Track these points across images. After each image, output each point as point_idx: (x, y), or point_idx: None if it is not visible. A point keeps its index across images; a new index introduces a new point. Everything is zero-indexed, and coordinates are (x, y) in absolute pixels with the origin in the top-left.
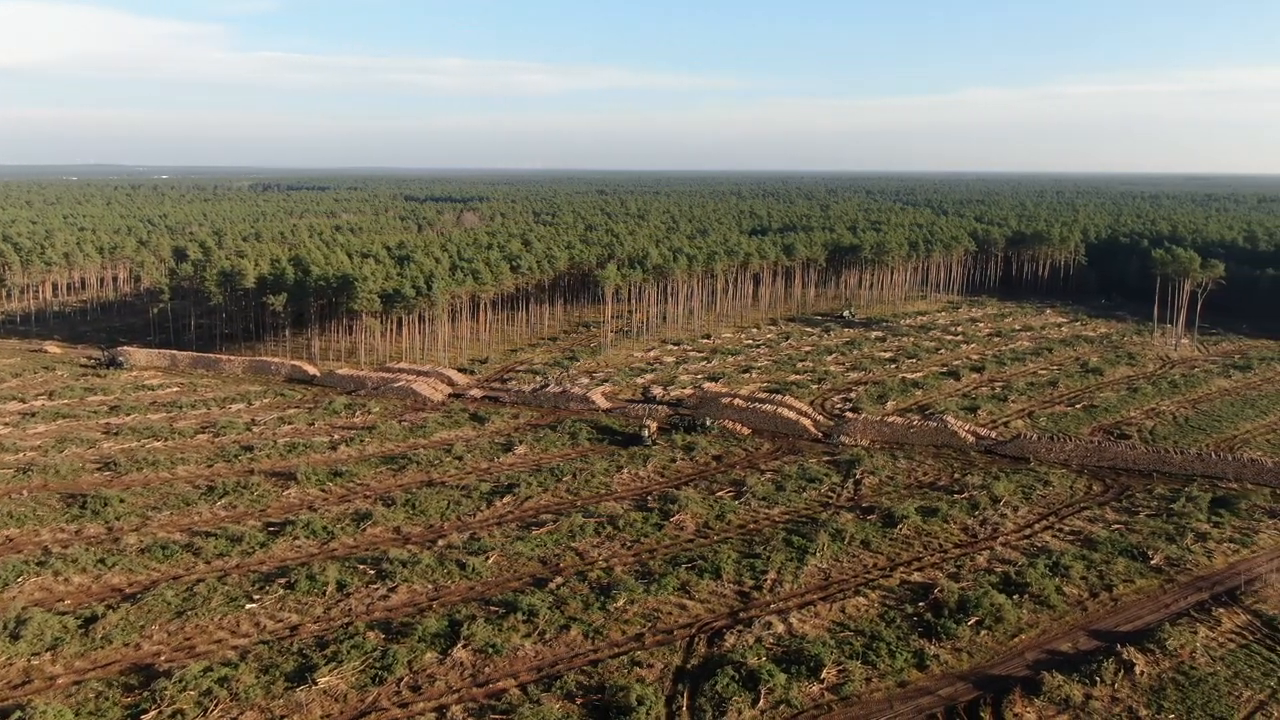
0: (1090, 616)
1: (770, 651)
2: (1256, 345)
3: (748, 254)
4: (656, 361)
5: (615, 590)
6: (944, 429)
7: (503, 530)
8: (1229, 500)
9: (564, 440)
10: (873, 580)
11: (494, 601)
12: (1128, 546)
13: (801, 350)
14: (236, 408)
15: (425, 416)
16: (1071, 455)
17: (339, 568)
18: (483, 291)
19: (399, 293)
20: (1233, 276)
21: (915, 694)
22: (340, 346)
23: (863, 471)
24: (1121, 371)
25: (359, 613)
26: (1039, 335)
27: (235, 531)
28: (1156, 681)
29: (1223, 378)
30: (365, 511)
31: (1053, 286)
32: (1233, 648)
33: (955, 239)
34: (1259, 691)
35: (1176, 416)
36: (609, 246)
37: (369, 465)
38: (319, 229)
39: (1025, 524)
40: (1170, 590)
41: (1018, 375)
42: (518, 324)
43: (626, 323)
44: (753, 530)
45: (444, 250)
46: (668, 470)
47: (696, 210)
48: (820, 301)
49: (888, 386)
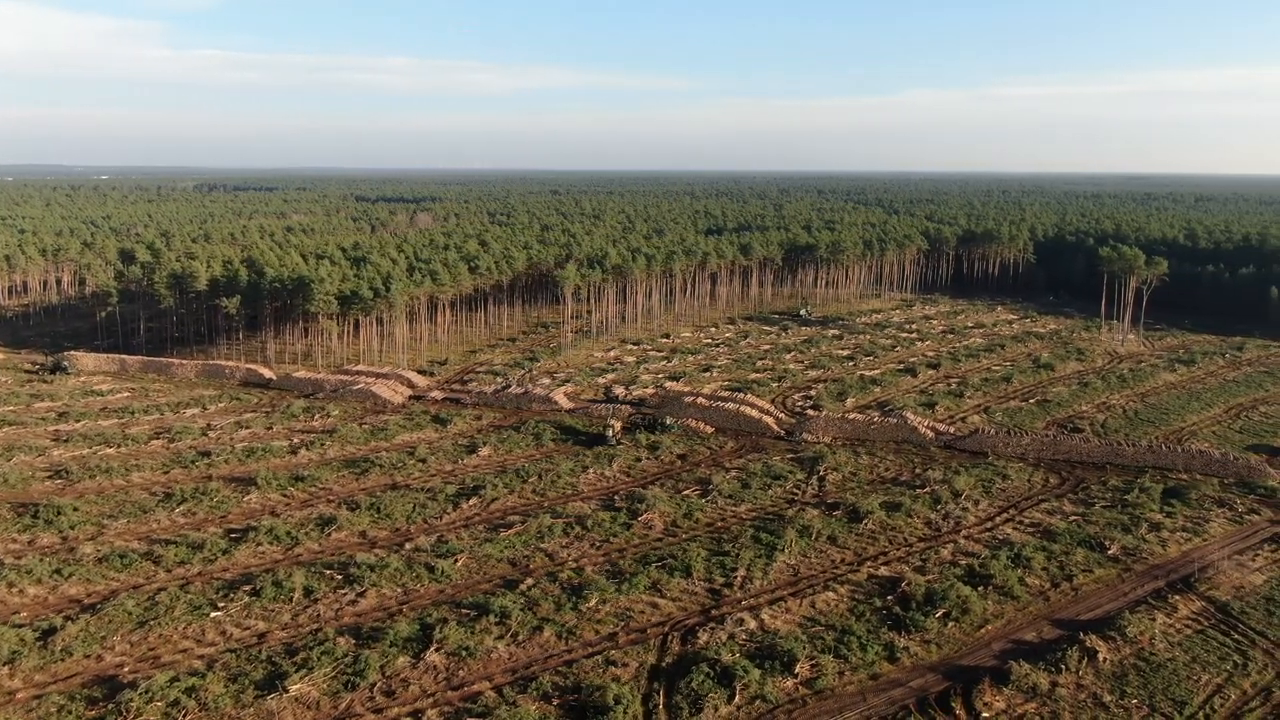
0: (1053, 606)
1: (743, 648)
2: (1199, 340)
3: (705, 253)
4: (617, 361)
5: (587, 590)
6: (904, 425)
7: (470, 532)
8: (1180, 491)
9: (528, 441)
10: (841, 575)
11: (465, 604)
12: (1086, 537)
13: (760, 349)
14: (191, 412)
15: (386, 419)
16: (1028, 449)
17: (305, 573)
18: (441, 292)
19: (356, 294)
20: (1175, 273)
21: (887, 686)
22: (296, 349)
23: (826, 468)
24: (1072, 367)
25: (328, 618)
26: (991, 332)
27: (196, 539)
28: (1119, 668)
29: (1168, 372)
30: (329, 516)
31: (1003, 284)
32: (1189, 633)
33: (908, 238)
34: (1216, 675)
35: (1126, 410)
36: (566, 247)
37: (331, 469)
38: (270, 230)
39: (986, 517)
40: (1128, 579)
41: (973, 371)
42: (476, 325)
43: (586, 323)
44: (721, 528)
45: (400, 251)
46: (633, 470)
47: (651, 210)
48: (777, 300)
49: (847, 384)
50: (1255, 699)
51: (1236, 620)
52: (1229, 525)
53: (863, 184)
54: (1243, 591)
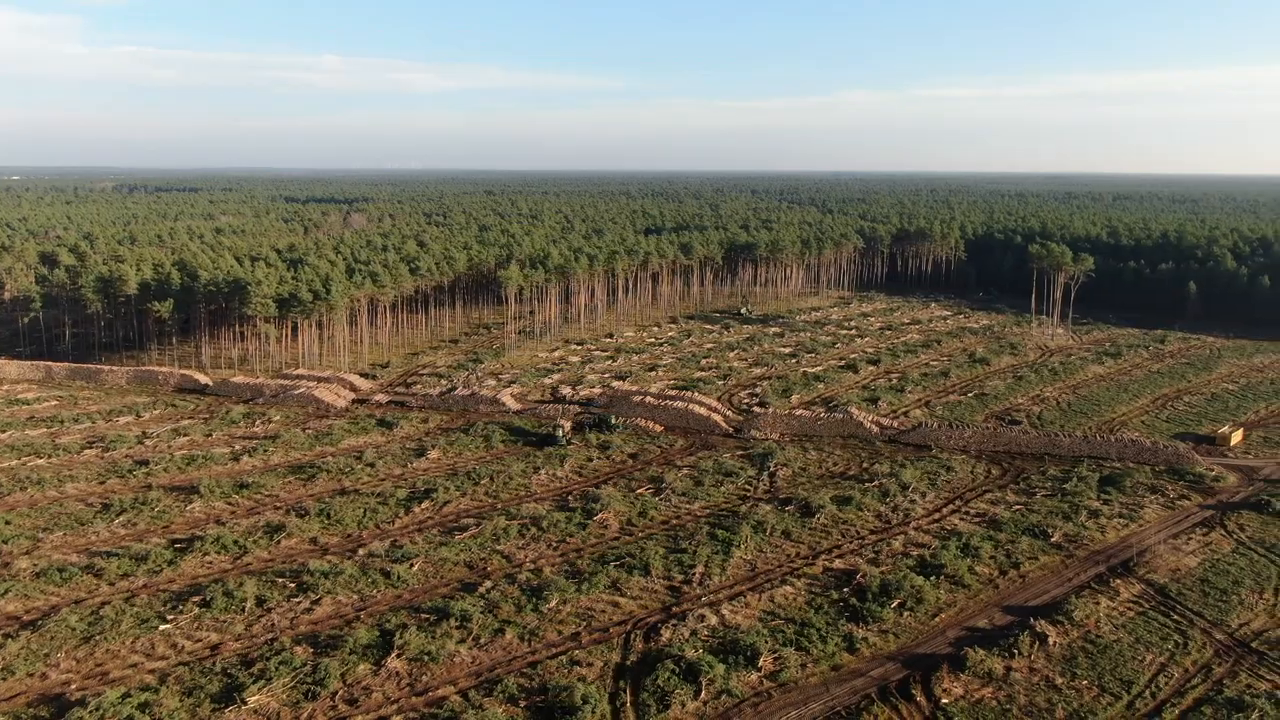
0: (1002, 593)
1: (706, 643)
2: (1124, 334)
3: (647, 253)
4: (562, 361)
5: (546, 591)
6: (849, 420)
7: (425, 536)
8: (1115, 479)
9: (477, 443)
10: (797, 569)
11: (424, 609)
12: (1029, 526)
13: (704, 347)
14: (125, 420)
15: (330, 423)
16: (970, 441)
17: (257, 582)
18: (382, 294)
19: (295, 297)
20: (1099, 269)
21: (849, 676)
22: (232, 354)
23: (777, 464)
24: (1006, 361)
25: (283, 627)
26: (927, 328)
27: (139, 550)
28: (1068, 651)
29: (1097, 364)
30: (278, 523)
31: (935, 281)
32: (1132, 615)
33: (844, 236)
34: (1159, 655)
35: (1059, 402)
36: (506, 247)
37: (276, 475)
38: (199, 232)
39: (934, 508)
40: (1071, 565)
41: (912, 367)
42: (417, 327)
43: (528, 323)
44: (676, 525)
45: (337, 253)
46: (585, 469)
47: (589, 210)
48: (718, 299)
49: (791, 381)
50: (1197, 676)
51: (1175, 602)
52: (1162, 511)
53: (796, 184)
54: (1179, 574)
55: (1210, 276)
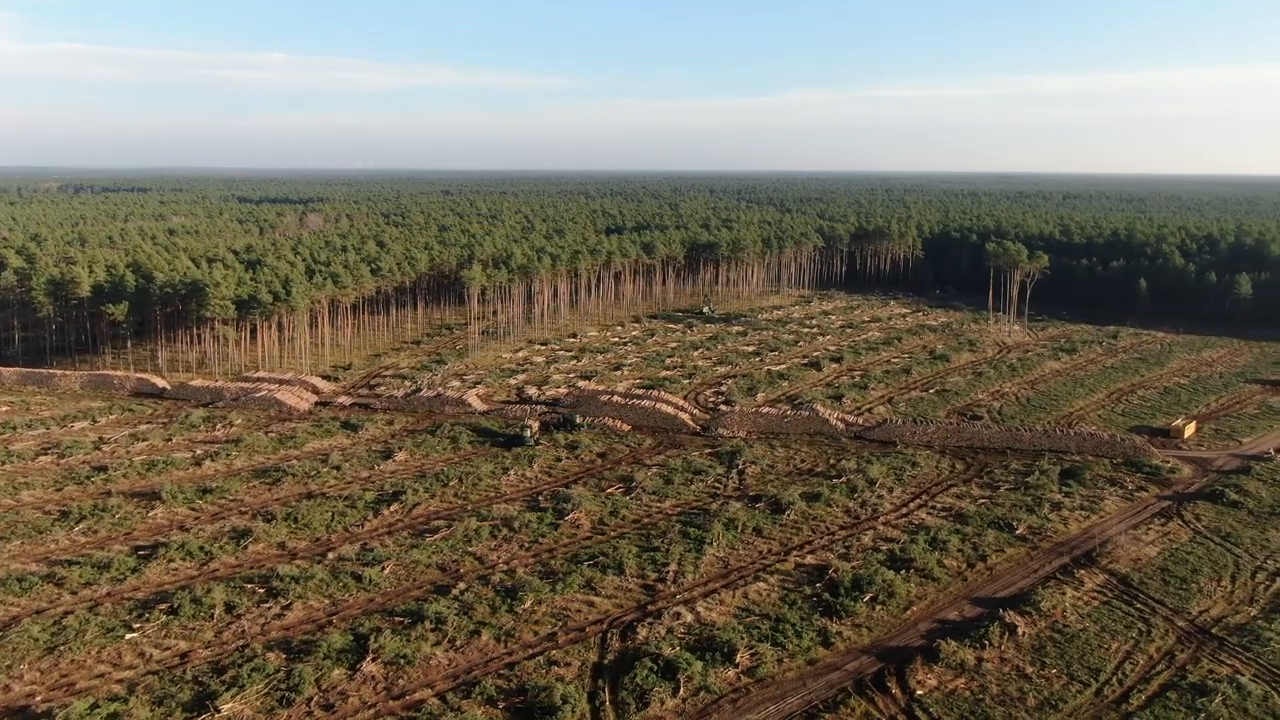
0: (971, 586)
1: (683, 641)
2: (1078, 330)
3: (610, 252)
4: (526, 362)
5: (521, 592)
6: (815, 417)
7: (395, 539)
8: (1075, 471)
9: (445, 444)
10: (770, 565)
11: (398, 612)
12: (994, 519)
13: (668, 346)
14: (80, 426)
15: (294, 426)
16: (934, 437)
17: (225, 588)
18: (342, 295)
19: (255, 298)
20: (1052, 267)
21: (825, 670)
22: (189, 357)
23: (745, 462)
24: (965, 357)
25: (254, 634)
26: (887, 325)
27: (101, 558)
28: (1037, 641)
29: (1053, 360)
30: (244, 528)
31: (894, 279)
32: (1097, 605)
33: (804, 235)
34: (1124, 643)
35: (1019, 397)
36: (468, 247)
37: (240, 480)
38: (151, 233)
39: (901, 503)
40: (1036, 556)
41: (874, 364)
42: (379, 328)
43: (491, 324)
44: (648, 524)
45: (296, 253)
46: (554, 469)
47: (549, 210)
48: (680, 298)
49: (755, 379)
50: (1161, 663)
51: (1137, 591)
52: (1122, 502)
53: (752, 183)
54: (1140, 563)
55: (1159, 273)
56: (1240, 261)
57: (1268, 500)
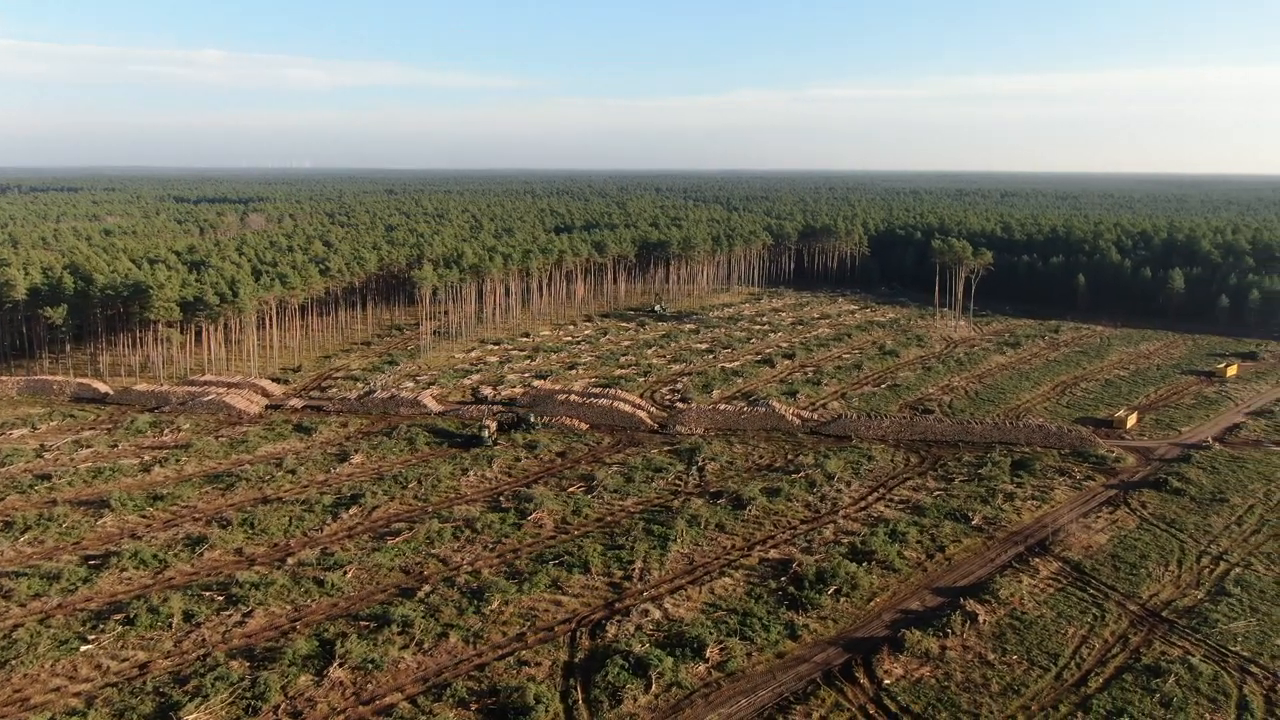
0: (931, 576)
1: (652, 637)
2: (1021, 324)
3: (561, 251)
4: (480, 362)
5: (487, 593)
6: (772, 413)
7: (355, 542)
8: (1025, 463)
9: (401, 446)
10: (734, 561)
11: (363, 616)
12: (950, 510)
13: (622, 345)
14: (19, 433)
15: (245, 430)
16: (888, 431)
17: (182, 597)
18: (291, 296)
19: (201, 300)
20: (995, 263)
21: (794, 663)
22: (132, 361)
23: (704, 458)
24: (914, 352)
25: (215, 642)
26: (837, 322)
27: (49, 569)
28: (997, 628)
29: (999, 354)
30: (198, 535)
31: (841, 276)
32: (1052, 592)
33: (753, 234)
34: (1080, 628)
35: (967, 391)
36: (416, 247)
37: (192, 486)
38: (86, 233)
39: (860, 497)
40: (992, 546)
41: (826, 360)
42: (328, 329)
43: (442, 324)
44: (611, 522)
45: (241, 254)
46: (514, 469)
47: (496, 209)
48: (631, 297)
49: (710, 376)
50: (1116, 646)
51: (1090, 577)
52: (1071, 491)
53: (698, 182)
54: (1091, 551)
55: (1097, 269)
56: (1173, 257)
57: (1208, 487)
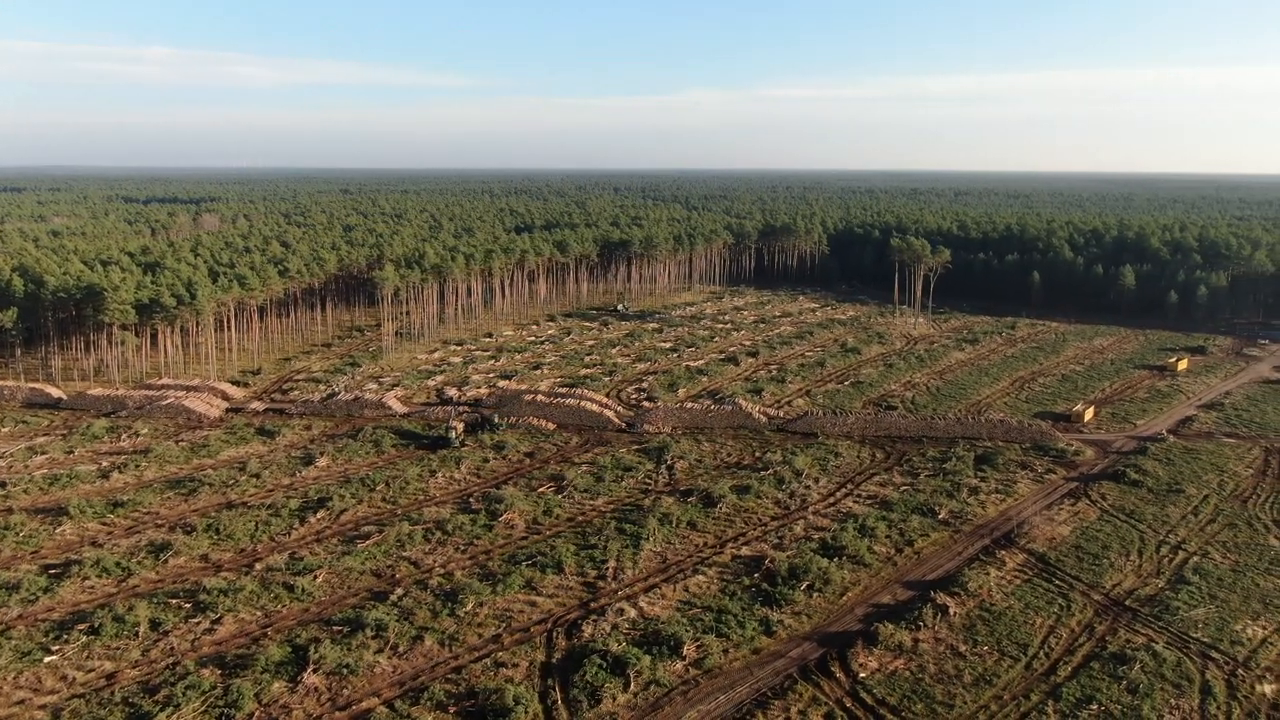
0: (901, 570)
1: (629, 636)
2: (978, 321)
3: (524, 251)
4: (444, 363)
5: (461, 595)
6: (739, 411)
7: (325, 546)
8: (988, 457)
9: (368, 448)
10: (707, 558)
11: (335, 621)
12: (918, 505)
13: (586, 344)
14: None
15: (206, 435)
16: (853, 427)
17: (148, 605)
18: (250, 297)
19: (157, 302)
20: (952, 261)
21: (770, 658)
22: (86, 365)
23: (673, 457)
24: (875, 350)
25: (184, 650)
26: (798, 320)
27: (8, 579)
28: (968, 620)
29: (958, 351)
30: (162, 542)
31: (802, 274)
32: (1019, 583)
33: (714, 233)
34: (1048, 618)
35: (929, 387)
36: (376, 247)
37: (153, 492)
38: (34, 235)
39: (828, 493)
40: (959, 539)
41: (789, 358)
42: (287, 331)
43: (404, 325)
44: (583, 522)
45: (197, 255)
46: (483, 470)
47: (456, 209)
48: (593, 296)
49: (675, 375)
50: (1082, 634)
51: (1055, 568)
52: (1033, 485)
53: (655, 181)
54: (1055, 542)
55: (1051, 266)
56: (1124, 254)
57: (1164, 478)
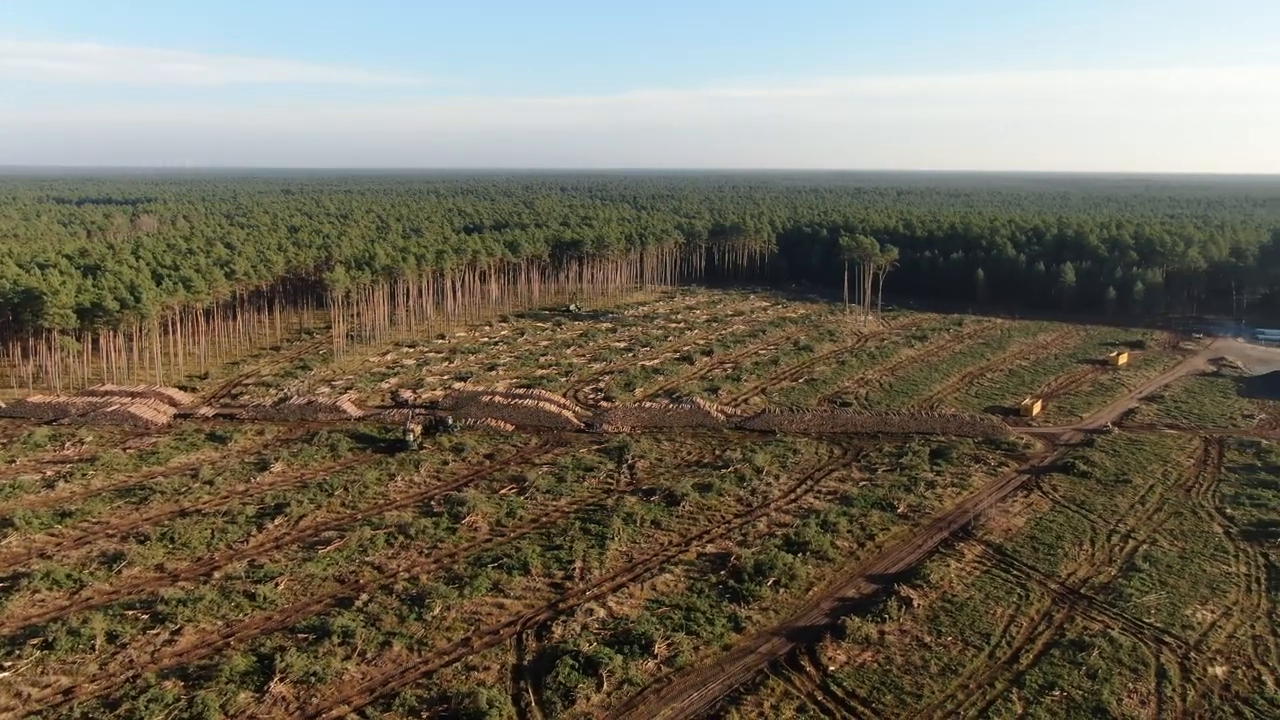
0: (863, 564)
1: (600, 636)
2: (926, 318)
3: (475, 251)
4: (396, 365)
5: (428, 599)
6: (697, 410)
7: (285, 553)
8: (943, 451)
9: (324, 453)
10: (673, 557)
11: (300, 628)
12: (877, 499)
13: (540, 345)
14: None
15: (154, 441)
16: (810, 424)
17: (104, 617)
18: (196, 301)
19: (100, 306)
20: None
21: (740, 654)
22: (24, 372)
23: (634, 456)
24: (828, 347)
25: (144, 663)
26: (750, 319)
27: None
28: (931, 611)
29: (907, 347)
30: (115, 552)
31: (752, 273)
32: (979, 574)
33: (665, 232)
34: (1008, 608)
35: (881, 383)
36: (324, 248)
37: (102, 501)
38: None
39: (789, 489)
40: (918, 533)
41: (743, 356)
42: (234, 334)
43: (354, 327)
44: (546, 523)
45: (138, 257)
46: (443, 473)
47: (402, 209)
48: (545, 297)
49: (632, 375)
50: (1041, 623)
51: (1012, 559)
52: (987, 477)
53: (603, 180)
54: (1011, 533)
55: (995, 264)
56: (1064, 252)
57: (1112, 469)
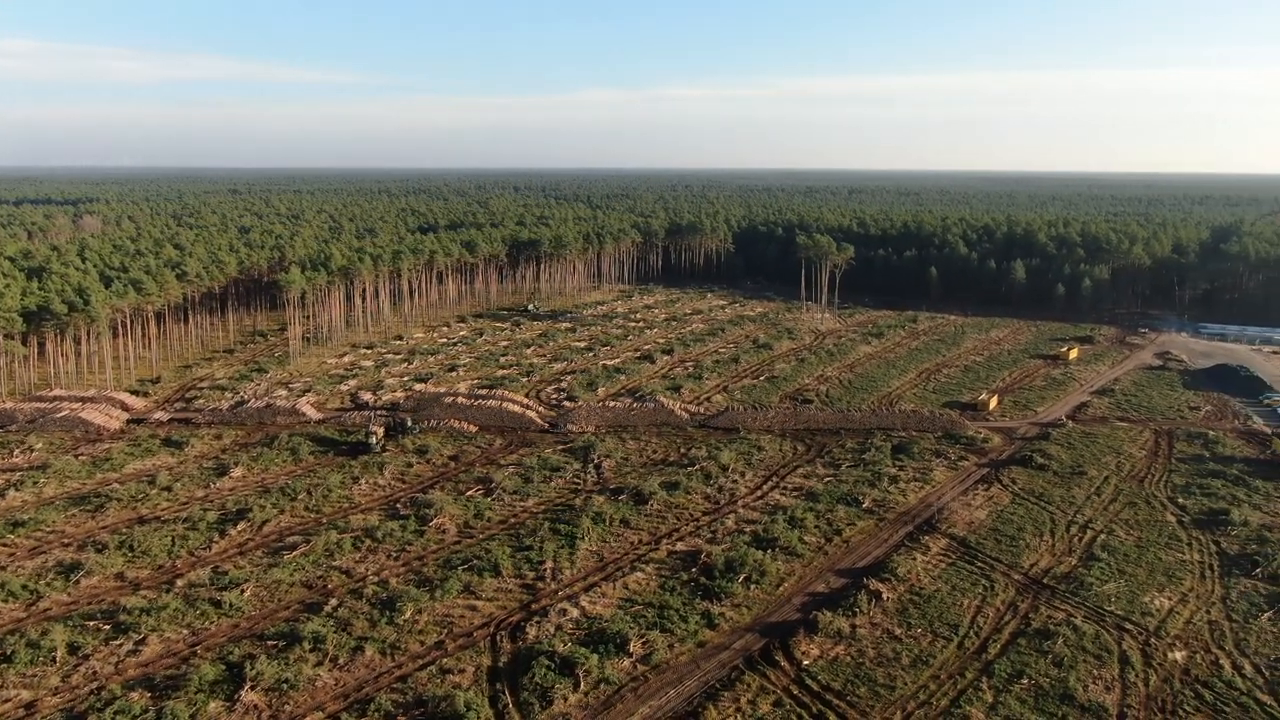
0: (832, 559)
1: (574, 636)
2: (882, 315)
3: (432, 252)
4: (354, 367)
5: (399, 602)
6: (661, 409)
7: (249, 559)
8: (904, 446)
9: (284, 456)
10: (643, 555)
11: (269, 635)
12: (842, 495)
13: (500, 345)
14: None
15: (107, 448)
16: (773, 422)
17: (63, 628)
18: (147, 303)
19: (47, 309)
20: (854, 257)
21: (715, 651)
22: None
23: (600, 456)
24: (787, 345)
25: (108, 674)
26: (709, 317)
27: None
28: (900, 604)
29: (865, 344)
30: (72, 561)
31: (709, 272)
32: (944, 567)
33: (622, 231)
34: (974, 599)
35: (841, 380)
36: (277, 249)
37: (55, 509)
38: None
39: (755, 486)
40: (884, 527)
41: (704, 355)
42: (186, 337)
43: (309, 328)
44: (515, 524)
45: (85, 259)
46: (408, 475)
47: (355, 209)
48: (503, 297)
49: (594, 374)
50: (1007, 613)
51: (976, 551)
52: (948, 471)
53: (555, 180)
54: (974, 526)
55: (947, 262)
56: (1014, 249)
57: (1068, 461)
